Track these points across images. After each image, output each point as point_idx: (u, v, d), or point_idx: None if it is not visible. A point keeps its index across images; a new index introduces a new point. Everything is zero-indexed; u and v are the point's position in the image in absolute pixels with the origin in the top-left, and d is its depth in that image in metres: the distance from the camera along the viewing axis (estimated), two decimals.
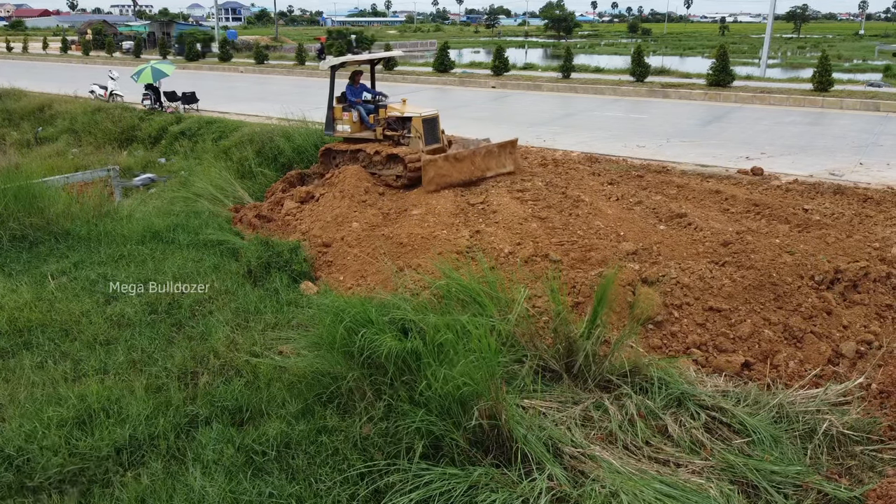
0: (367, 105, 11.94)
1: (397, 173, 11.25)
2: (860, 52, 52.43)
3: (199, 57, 41.27)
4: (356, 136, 11.86)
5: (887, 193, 10.10)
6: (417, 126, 11.32)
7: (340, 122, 11.93)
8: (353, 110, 11.84)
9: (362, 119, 11.83)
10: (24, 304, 7.17)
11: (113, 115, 20.60)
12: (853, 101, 19.41)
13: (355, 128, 11.86)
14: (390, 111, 11.62)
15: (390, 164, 11.34)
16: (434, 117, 11.62)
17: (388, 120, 11.61)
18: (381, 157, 11.38)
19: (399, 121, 11.56)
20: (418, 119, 11.33)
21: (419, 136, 11.31)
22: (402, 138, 11.48)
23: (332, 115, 12.00)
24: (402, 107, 11.71)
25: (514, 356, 5.88)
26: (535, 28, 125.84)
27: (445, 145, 11.97)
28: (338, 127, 12.00)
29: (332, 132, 12.14)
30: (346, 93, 12.02)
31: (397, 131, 11.55)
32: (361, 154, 11.67)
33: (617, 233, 8.88)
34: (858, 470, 5.07)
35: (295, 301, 7.71)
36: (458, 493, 4.27)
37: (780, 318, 7.07)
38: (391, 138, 11.58)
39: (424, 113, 11.48)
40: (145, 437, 5.06)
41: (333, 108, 11.97)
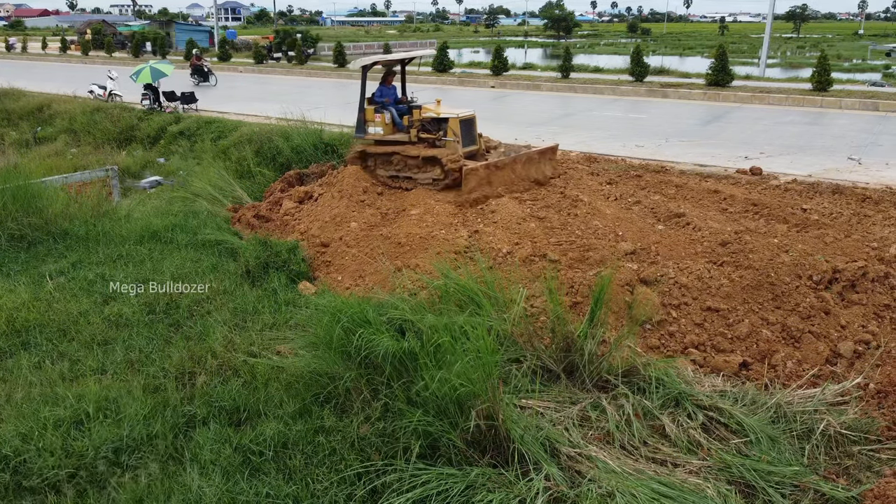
0: (398, 106, 11.46)
1: (434, 177, 10.77)
2: (859, 52, 52.42)
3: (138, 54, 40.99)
4: (389, 138, 11.31)
5: (886, 193, 10.10)
6: (455, 127, 10.81)
7: (372, 124, 11.36)
8: (386, 112, 11.31)
9: (394, 121, 11.33)
10: (21, 304, 7.17)
11: (112, 115, 20.59)
12: (852, 101, 19.41)
13: (388, 130, 11.32)
14: (425, 112, 11.16)
15: (427, 168, 10.86)
16: (471, 118, 11.19)
17: (422, 121, 11.13)
18: (418, 161, 10.89)
19: (434, 122, 11.06)
20: (455, 120, 10.82)
21: (456, 138, 10.81)
22: (437, 140, 10.93)
23: (364, 116, 11.46)
24: (437, 107, 11.25)
25: (512, 356, 5.88)
26: (535, 28, 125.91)
27: (482, 147, 11.57)
28: (369, 129, 11.45)
29: (363, 134, 11.58)
30: (377, 94, 11.53)
31: (432, 133, 11.01)
32: (396, 157, 11.15)
33: (615, 233, 8.88)
34: (856, 470, 5.06)
35: (293, 301, 7.71)
36: (454, 493, 4.27)
37: (778, 318, 7.07)
38: (426, 140, 11.03)
39: (461, 114, 11.01)
40: (143, 437, 5.05)
41: (365, 109, 11.43)
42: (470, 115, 11.16)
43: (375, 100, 11.46)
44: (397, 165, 11.16)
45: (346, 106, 20.67)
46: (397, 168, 11.17)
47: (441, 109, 11.18)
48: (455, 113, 11.01)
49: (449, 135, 10.83)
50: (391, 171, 11.25)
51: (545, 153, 11.32)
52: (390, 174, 11.27)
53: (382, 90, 11.52)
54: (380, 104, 11.37)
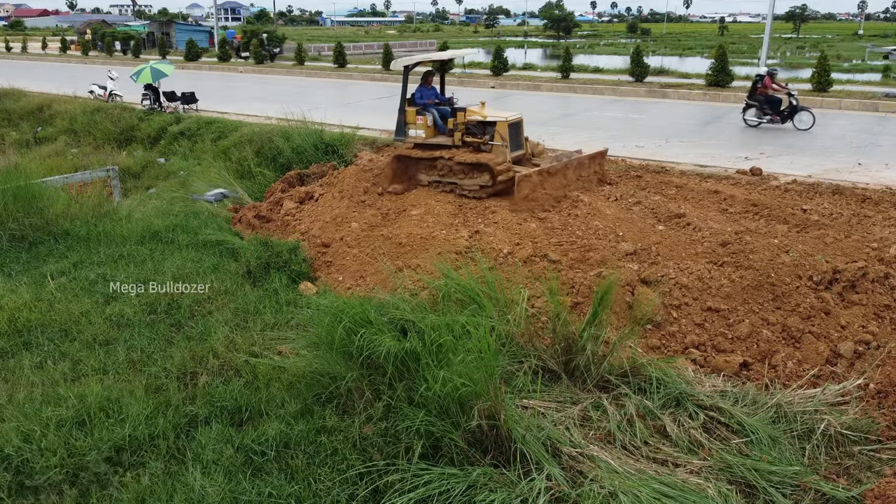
0: (440, 108, 10.97)
1: (481, 183, 10.29)
2: (859, 53, 52.46)
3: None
4: (431, 141, 10.81)
5: (886, 193, 10.11)
6: (503, 131, 10.30)
7: (413, 126, 10.86)
8: (428, 114, 10.81)
9: (436, 123, 10.85)
10: (23, 304, 7.18)
11: (112, 116, 20.58)
12: (852, 102, 19.42)
13: (429, 133, 10.82)
14: (470, 115, 10.62)
15: (473, 174, 10.38)
16: (518, 121, 10.74)
17: (467, 125, 10.59)
18: (463, 166, 10.40)
19: (480, 125, 10.51)
20: (504, 124, 10.33)
21: (504, 142, 10.31)
22: (483, 145, 10.42)
23: (405, 118, 10.94)
24: (482, 110, 10.72)
25: (513, 356, 5.89)
26: (535, 28, 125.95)
27: (528, 152, 11.10)
28: (410, 132, 10.94)
29: (403, 137, 11.06)
30: (417, 95, 11.02)
31: (478, 137, 10.48)
32: (440, 162, 10.64)
33: (616, 233, 8.90)
34: (856, 470, 5.08)
35: (294, 301, 7.72)
36: (456, 493, 4.28)
37: (779, 319, 7.08)
38: (470, 144, 10.52)
39: (510, 117, 10.51)
40: (145, 437, 5.06)
41: (406, 111, 10.93)
42: (517, 119, 10.73)
43: (416, 101, 10.99)
44: (441, 171, 10.71)
45: (347, 106, 20.73)
46: (441, 173, 10.72)
47: (487, 112, 10.69)
48: (503, 116, 10.54)
49: (496, 139, 10.34)
50: (434, 177, 10.80)
51: (595, 158, 10.89)
52: (433, 179, 10.83)
53: (423, 91, 11.09)
54: (422, 106, 10.93)
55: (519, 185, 9.79)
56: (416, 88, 11.13)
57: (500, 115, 10.58)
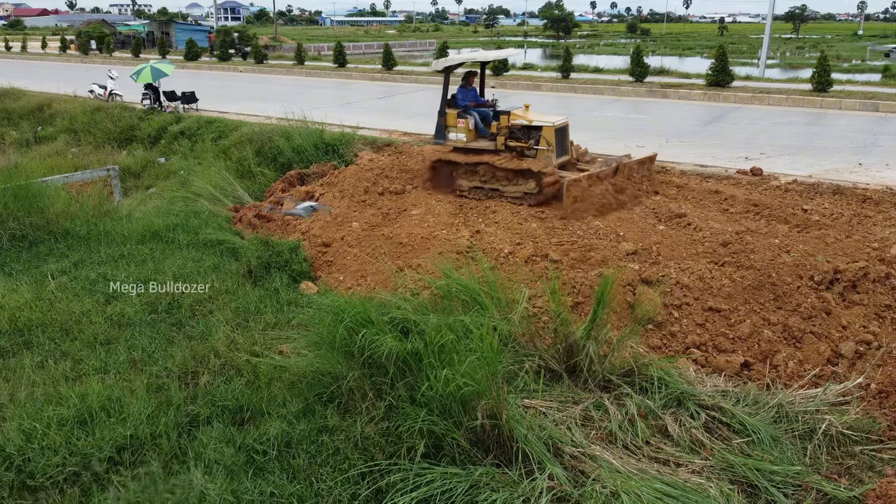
0: (480, 110, 10.60)
1: (527, 190, 9.95)
2: (859, 53, 52.50)
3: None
4: (472, 145, 10.45)
5: (886, 194, 10.12)
6: (549, 136, 9.91)
7: (454, 129, 10.51)
8: (469, 117, 10.43)
9: (477, 127, 10.50)
10: (24, 303, 7.17)
11: (112, 115, 20.58)
12: (852, 102, 19.42)
13: (470, 136, 10.47)
14: (514, 118, 10.20)
15: (518, 180, 10.03)
16: (565, 126, 10.36)
17: (511, 128, 10.20)
18: (507, 172, 10.05)
19: (524, 130, 10.13)
20: (550, 128, 9.93)
21: (550, 147, 9.91)
22: (527, 150, 10.04)
23: (445, 121, 10.59)
24: (527, 113, 10.30)
25: (515, 356, 5.89)
26: (534, 28, 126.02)
27: (573, 157, 10.74)
28: (450, 135, 10.59)
29: (443, 140, 10.70)
30: (458, 97, 10.69)
31: (522, 141, 10.09)
32: (482, 167, 10.31)
33: (616, 233, 8.90)
34: (858, 470, 5.08)
35: (295, 301, 7.72)
36: (459, 493, 4.28)
37: (780, 319, 7.08)
38: (514, 149, 10.14)
39: (556, 121, 10.11)
40: (146, 436, 5.06)
41: (446, 113, 10.55)
42: (564, 123, 10.33)
43: (458, 103, 10.64)
44: (483, 176, 10.36)
45: (347, 106, 20.72)
46: (482, 179, 10.38)
47: (533, 116, 10.27)
48: (549, 121, 10.13)
49: (542, 144, 9.97)
50: (475, 183, 10.47)
51: (644, 163, 10.47)
52: (474, 185, 10.49)
53: (464, 93, 10.73)
54: (463, 108, 10.56)
55: (568, 189, 9.41)
56: (457, 90, 10.76)
57: (547, 119, 10.21)
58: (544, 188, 9.72)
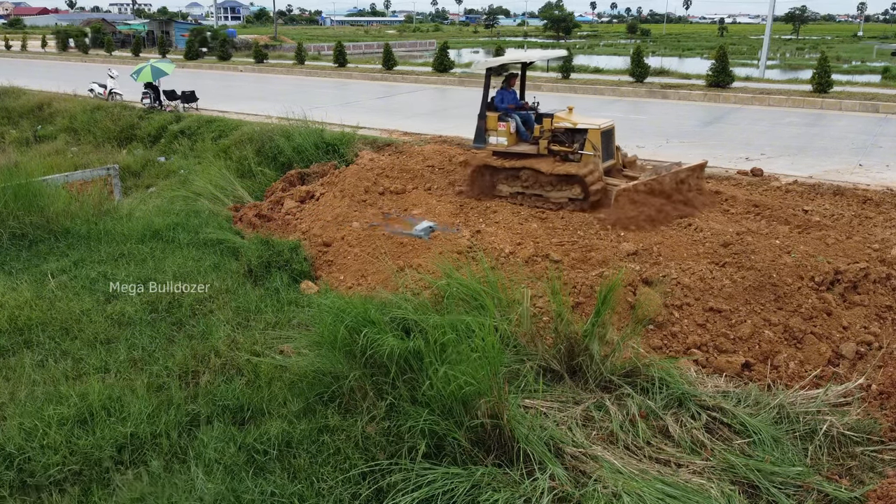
0: (521, 113, 10.27)
1: (571, 196, 9.63)
2: (859, 54, 52.53)
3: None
4: (513, 149, 10.13)
5: (886, 195, 10.12)
6: (595, 140, 9.58)
7: (494, 133, 10.18)
8: (511, 120, 10.11)
9: (519, 130, 10.19)
10: (24, 302, 7.16)
11: (112, 114, 20.56)
12: (852, 103, 19.43)
13: (511, 140, 10.16)
14: (557, 121, 9.88)
15: (562, 186, 9.72)
16: (611, 129, 10.04)
17: (554, 132, 9.90)
18: (551, 177, 9.71)
19: (568, 133, 9.83)
20: (596, 132, 9.61)
21: (596, 151, 9.58)
22: (571, 154, 9.74)
23: (485, 124, 10.24)
24: (571, 116, 9.97)
25: (516, 356, 5.89)
26: (535, 28, 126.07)
27: (619, 162, 10.37)
28: (490, 139, 10.24)
29: (482, 144, 10.35)
30: (498, 99, 10.35)
31: (565, 145, 9.78)
32: (524, 173, 10.00)
33: (617, 233, 8.89)
34: (859, 471, 5.08)
35: (295, 300, 7.72)
36: (460, 493, 4.27)
37: (781, 319, 7.08)
38: (557, 153, 9.84)
39: (602, 124, 9.81)
40: (146, 435, 5.05)
41: (487, 116, 10.21)
42: (610, 126, 9.99)
43: (498, 106, 10.30)
44: (525, 182, 10.05)
45: (347, 106, 20.72)
46: (525, 185, 10.08)
47: (577, 119, 9.94)
48: (595, 124, 9.80)
49: (587, 148, 9.63)
50: (517, 188, 10.20)
51: (694, 171, 9.99)
52: (515, 191, 10.23)
53: (504, 95, 10.40)
54: (504, 111, 10.24)
55: (617, 199, 9.00)
56: (497, 92, 10.43)
57: (592, 122, 9.89)
58: (590, 194, 9.42)
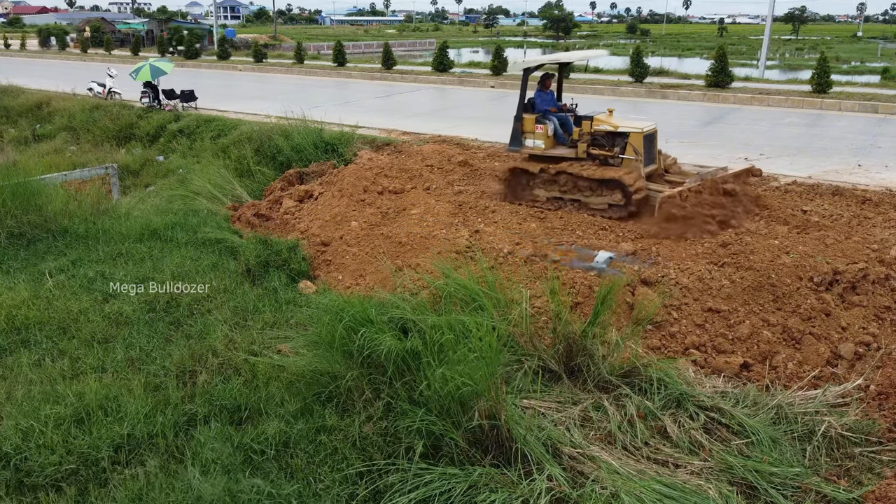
0: (559, 115, 9.94)
1: (612, 202, 9.32)
2: (859, 54, 52.57)
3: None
4: (550, 153, 9.81)
5: (885, 195, 10.11)
6: (637, 144, 9.27)
7: (532, 135, 9.88)
8: (549, 122, 9.78)
9: (556, 133, 9.86)
10: (21, 301, 7.15)
11: (111, 113, 20.54)
12: (852, 103, 19.43)
13: (549, 143, 9.83)
14: (597, 124, 9.59)
15: (602, 191, 9.39)
16: (653, 133, 9.68)
17: (594, 135, 9.61)
18: (591, 182, 9.42)
19: (609, 136, 9.53)
20: (638, 136, 9.29)
21: (638, 156, 9.27)
22: (611, 158, 9.42)
23: (522, 126, 9.93)
24: (611, 119, 9.66)
25: (514, 356, 5.88)
26: (534, 28, 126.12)
27: (661, 167, 10.00)
28: (527, 142, 9.93)
29: (518, 147, 10.03)
30: (535, 100, 10.02)
31: (606, 149, 9.49)
32: (563, 177, 9.63)
33: (616, 233, 8.89)
34: (857, 471, 5.07)
35: (293, 300, 7.71)
36: (457, 493, 4.27)
37: (779, 320, 7.07)
38: (596, 157, 9.54)
39: (645, 128, 9.46)
40: (144, 435, 5.05)
41: (523, 118, 9.89)
42: (652, 129, 9.62)
43: (535, 108, 9.99)
44: (563, 186, 9.72)
45: (346, 105, 20.71)
46: (563, 189, 9.75)
47: (618, 122, 9.62)
48: (637, 127, 9.45)
49: (628, 152, 9.31)
50: (554, 193, 9.87)
51: (739, 176, 9.57)
52: (552, 195, 9.89)
53: (541, 96, 10.06)
54: (541, 113, 9.91)
55: (661, 206, 8.68)
56: (534, 94, 10.11)
57: (634, 126, 9.52)
58: (632, 200, 9.12)
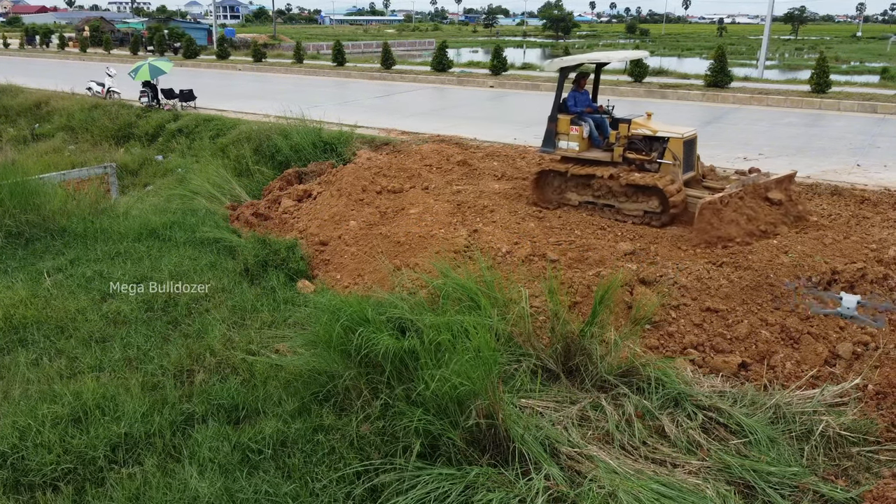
0: (595, 117, 9.66)
1: (648, 208, 9.04)
2: (858, 54, 52.61)
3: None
4: (585, 155, 9.54)
5: (884, 195, 10.11)
6: (676, 149, 8.94)
7: (566, 137, 9.59)
8: (584, 124, 9.51)
9: (591, 135, 9.58)
10: (19, 300, 7.15)
11: (110, 113, 20.54)
12: (850, 103, 19.44)
13: (584, 146, 9.55)
14: (635, 128, 9.27)
15: (638, 197, 9.12)
16: (693, 138, 9.34)
17: (631, 139, 9.31)
18: (626, 188, 9.13)
19: (646, 140, 9.22)
20: (678, 141, 8.95)
21: (677, 161, 8.94)
22: (648, 163, 9.12)
23: (556, 127, 9.61)
24: (649, 122, 9.32)
25: (512, 356, 5.87)
26: (534, 28, 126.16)
27: (699, 173, 9.66)
28: (560, 143, 9.65)
29: (551, 149, 9.75)
30: (570, 101, 9.74)
31: (643, 153, 9.18)
32: (597, 181, 9.37)
33: (615, 232, 8.88)
34: (855, 471, 5.07)
35: (292, 299, 7.70)
36: (454, 493, 4.26)
37: (777, 319, 7.07)
38: (632, 162, 9.23)
39: (685, 133, 9.11)
40: (141, 434, 5.04)
41: (558, 119, 9.61)
42: (693, 135, 9.29)
43: (570, 109, 9.71)
44: (597, 191, 9.46)
45: (345, 105, 20.70)
46: (596, 194, 9.50)
47: (657, 126, 9.28)
48: (677, 132, 9.12)
49: (667, 157, 8.99)
50: (587, 197, 9.62)
51: (781, 182, 9.13)
52: (585, 200, 9.64)
53: (577, 97, 9.78)
54: (577, 114, 9.61)
55: (701, 213, 8.32)
56: (569, 94, 9.83)
57: (674, 131, 9.19)
58: (669, 207, 8.85)
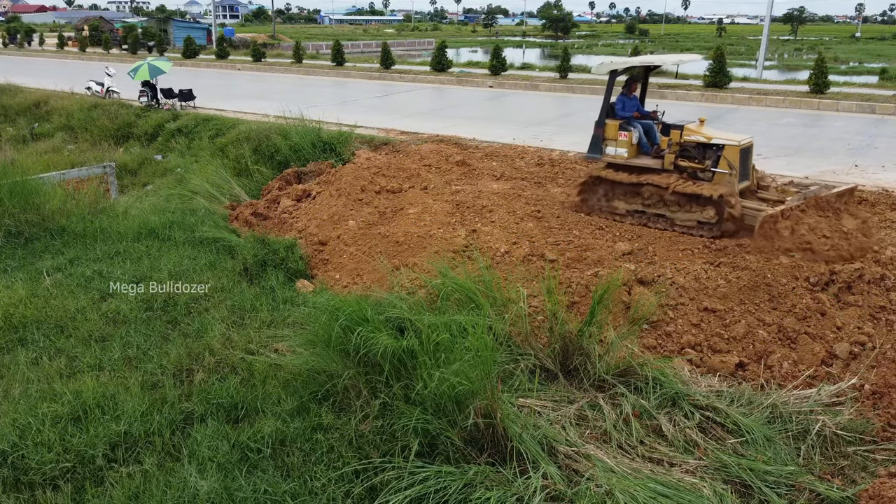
0: (644, 122, 9.33)
1: (703, 219, 8.62)
2: (857, 55, 52.66)
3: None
4: (633, 162, 9.18)
5: (882, 195, 10.14)
6: (732, 157, 8.52)
7: (614, 143, 9.24)
8: (633, 130, 9.16)
9: (640, 142, 9.24)
10: (19, 300, 7.17)
11: (109, 112, 20.54)
12: (849, 104, 19.47)
13: (632, 152, 9.19)
14: (688, 134, 8.86)
15: (691, 207, 8.71)
16: (749, 147, 8.90)
17: (683, 146, 8.92)
18: (679, 197, 8.75)
19: (700, 148, 8.82)
20: (734, 149, 8.52)
21: (733, 170, 8.53)
22: (701, 172, 8.74)
23: (603, 133, 9.24)
24: (703, 129, 8.89)
25: (510, 355, 5.90)
26: (533, 28, 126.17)
27: (754, 183, 9.24)
28: (608, 149, 9.29)
29: (598, 155, 9.39)
30: (618, 106, 9.39)
31: (696, 161, 8.81)
32: (647, 189, 9.00)
33: (613, 232, 8.91)
34: (851, 470, 5.09)
35: (291, 299, 7.72)
36: (452, 491, 4.28)
37: (775, 319, 7.09)
38: (684, 170, 8.87)
39: (742, 141, 8.68)
40: (140, 433, 5.06)
41: (605, 124, 9.22)
42: (749, 143, 8.84)
43: (618, 114, 9.36)
44: (647, 199, 9.08)
45: (345, 104, 20.71)
46: (646, 203, 9.11)
47: (711, 133, 8.88)
48: (733, 140, 8.69)
49: (721, 166, 8.59)
50: (636, 206, 9.23)
51: (842, 196, 8.65)
52: (634, 209, 9.26)
53: (625, 102, 9.44)
54: (625, 120, 9.28)
55: (762, 226, 8.04)
56: (618, 99, 9.49)
57: (730, 138, 8.77)
58: (725, 219, 8.46)
